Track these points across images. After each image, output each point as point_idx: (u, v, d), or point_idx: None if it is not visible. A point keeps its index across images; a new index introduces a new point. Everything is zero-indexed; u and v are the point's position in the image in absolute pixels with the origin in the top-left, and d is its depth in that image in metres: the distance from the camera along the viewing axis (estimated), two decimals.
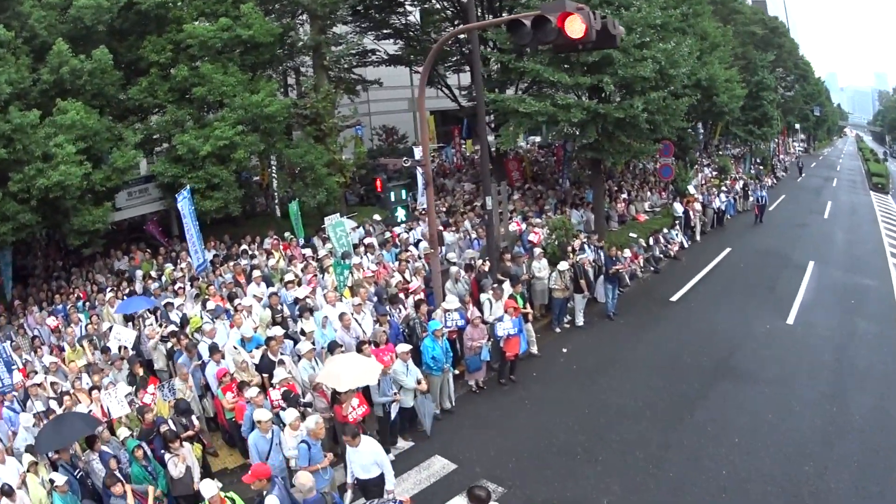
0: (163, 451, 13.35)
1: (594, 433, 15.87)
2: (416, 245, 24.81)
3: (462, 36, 32.04)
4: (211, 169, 25.11)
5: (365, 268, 21.62)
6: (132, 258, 27.02)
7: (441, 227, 24.94)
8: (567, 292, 22.13)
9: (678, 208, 34.93)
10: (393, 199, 19.61)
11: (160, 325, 19.31)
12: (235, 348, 16.54)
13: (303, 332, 17.18)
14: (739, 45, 56.96)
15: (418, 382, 15.60)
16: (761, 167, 60.74)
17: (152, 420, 14.09)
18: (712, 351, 20.39)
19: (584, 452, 15.10)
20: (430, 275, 20.58)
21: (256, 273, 21.60)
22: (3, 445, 13.62)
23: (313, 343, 16.63)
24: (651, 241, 30.30)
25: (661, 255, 30.70)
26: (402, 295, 19.64)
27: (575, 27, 11.83)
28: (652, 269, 29.42)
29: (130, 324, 20.13)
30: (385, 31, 38.53)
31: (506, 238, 24.09)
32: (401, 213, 20.02)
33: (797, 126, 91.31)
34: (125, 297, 22.18)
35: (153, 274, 24.29)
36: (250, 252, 25.49)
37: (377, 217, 29.38)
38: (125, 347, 18.09)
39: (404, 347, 15.65)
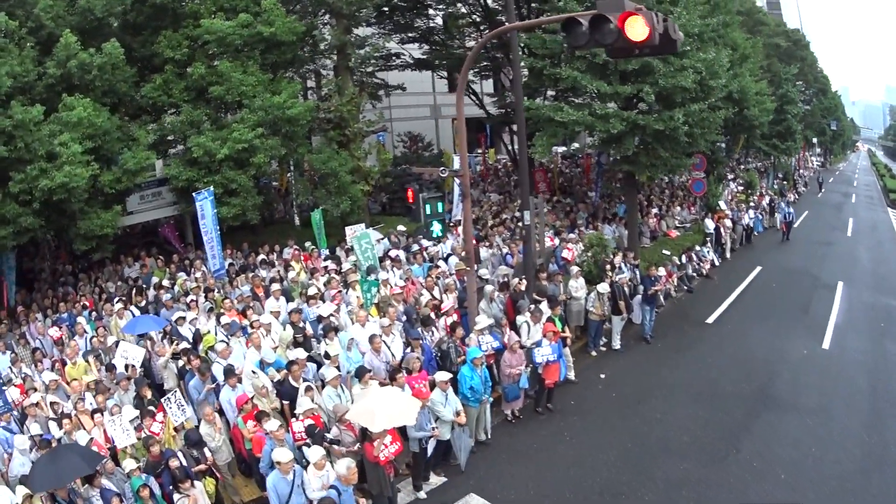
0: (171, 488, 12.23)
1: (638, 470, 15.14)
2: (445, 260, 23.48)
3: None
4: (228, 173, 23.96)
5: (392, 284, 20.28)
6: (143, 265, 25.72)
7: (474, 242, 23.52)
8: (604, 314, 21.37)
9: (709, 224, 34.34)
10: (429, 211, 18.22)
11: (171, 341, 17.93)
12: (254, 372, 15.24)
13: (326, 356, 15.77)
14: (764, 57, 56.00)
15: (457, 414, 14.58)
16: (784, 182, 60.21)
17: (160, 452, 12.96)
18: (752, 377, 19.92)
19: (630, 493, 14.36)
20: (462, 293, 19.75)
21: (276, 286, 20.26)
22: None
23: (338, 367, 15.34)
24: (684, 258, 29.77)
25: (694, 274, 30.18)
26: (432, 315, 18.48)
27: (637, 29, 10.82)
28: (685, 288, 28.74)
29: (140, 338, 18.75)
30: (409, 35, 37.92)
31: (541, 255, 23.15)
32: (437, 228, 18.67)
33: (814, 140, 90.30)
34: (136, 308, 21.12)
35: (165, 283, 22.95)
36: (269, 262, 24.33)
37: (402, 228, 28.19)
38: (133, 367, 16.74)
39: (444, 376, 14.61)
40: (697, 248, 31.74)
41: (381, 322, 17.13)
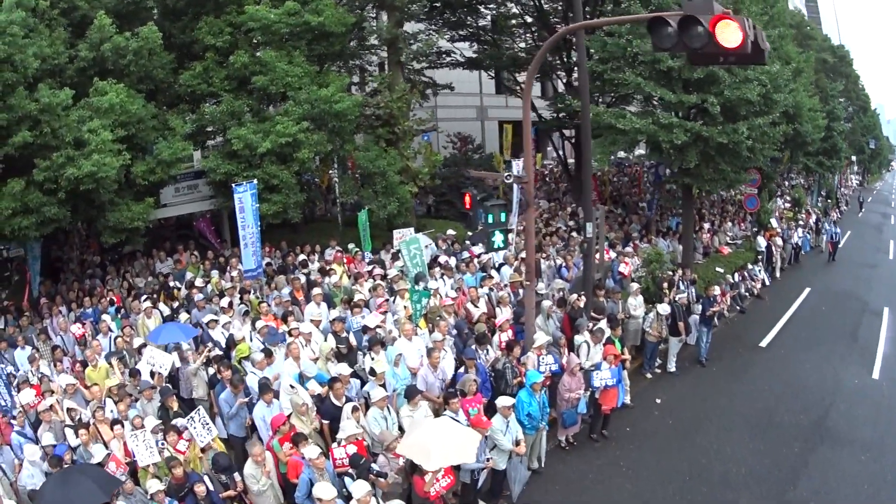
0: None
1: None
2: (497, 269, 22.11)
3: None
4: (270, 168, 22.82)
5: (443, 294, 18.86)
6: (177, 261, 24.52)
7: None
8: (662, 335, 20.60)
9: (761, 242, 33.55)
10: (490, 220, 16.82)
11: (203, 347, 16.57)
12: (293, 387, 13.78)
13: (372, 372, 14.39)
14: (813, 72, 54.84)
15: (516, 444, 13.34)
16: (828, 200, 59.41)
17: (184, 475, 11.69)
18: (807, 407, 19.30)
19: None
20: (516, 306, 18.68)
21: (317, 291, 18.84)
22: (7, 482, 12.44)
23: (383, 385, 14.06)
24: (737, 277, 28.85)
25: (746, 294, 29.41)
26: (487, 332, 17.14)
27: (730, 34, 10.03)
28: (738, 308, 27.77)
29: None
30: (460, 33, 36.98)
31: (599, 269, 22.01)
32: (498, 238, 17.30)
33: (853, 158, 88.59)
34: (164, 306, 19.92)
35: (199, 282, 21.67)
36: (311, 263, 23.05)
37: (451, 232, 26.85)
38: (159, 374, 15.36)
39: (507, 402, 13.38)
40: (750, 266, 30.90)
41: (433, 336, 15.90)
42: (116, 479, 11.49)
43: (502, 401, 13.37)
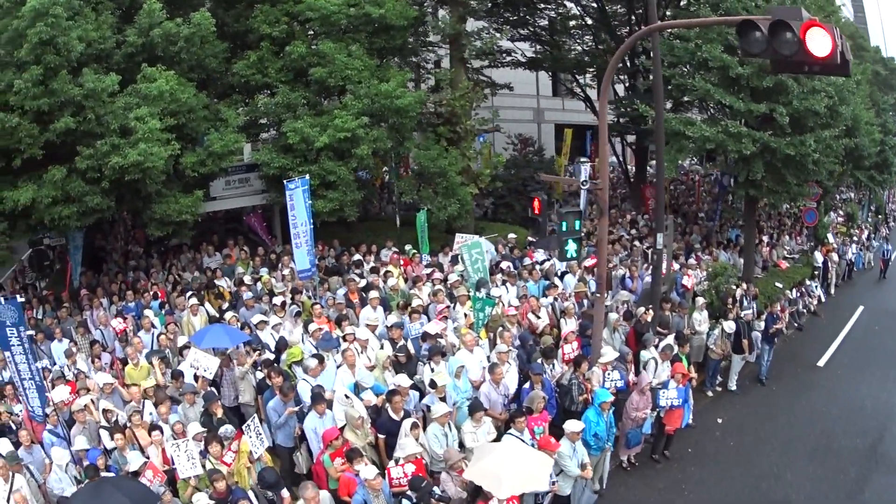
0: None
1: None
2: (560, 277, 21.02)
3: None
4: (327, 164, 21.98)
5: (506, 303, 17.87)
6: (227, 256, 23.72)
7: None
8: (726, 352, 20.31)
9: (818, 257, 32.69)
10: (565, 228, 15.98)
11: (252, 349, 15.67)
12: (348, 397, 12.88)
13: (432, 384, 13.44)
14: (868, 85, 53.70)
15: (583, 467, 12.71)
16: (878, 216, 57.96)
17: (227, 490, 10.81)
18: (863, 432, 18.87)
19: None
20: (580, 317, 18.08)
21: (374, 294, 17.93)
22: (34, 484, 11.88)
23: (443, 398, 13.26)
24: (795, 293, 28.28)
25: (804, 310, 28.75)
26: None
27: (820, 43, 9.68)
28: (795, 325, 27.21)
29: None
30: (520, 32, 36.47)
31: (665, 281, 21.16)
32: (571, 248, 16.40)
33: None
34: (212, 306, 19.15)
35: (247, 280, 20.89)
36: (366, 264, 22.23)
37: (512, 236, 25.91)
38: (203, 378, 14.45)
39: (576, 426, 12.79)
40: (807, 281, 30.40)
41: (498, 348, 14.90)
42: (153, 495, 10.67)
43: (571, 425, 12.81)
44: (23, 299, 15.35)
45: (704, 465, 16.76)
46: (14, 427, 13.76)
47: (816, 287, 30.91)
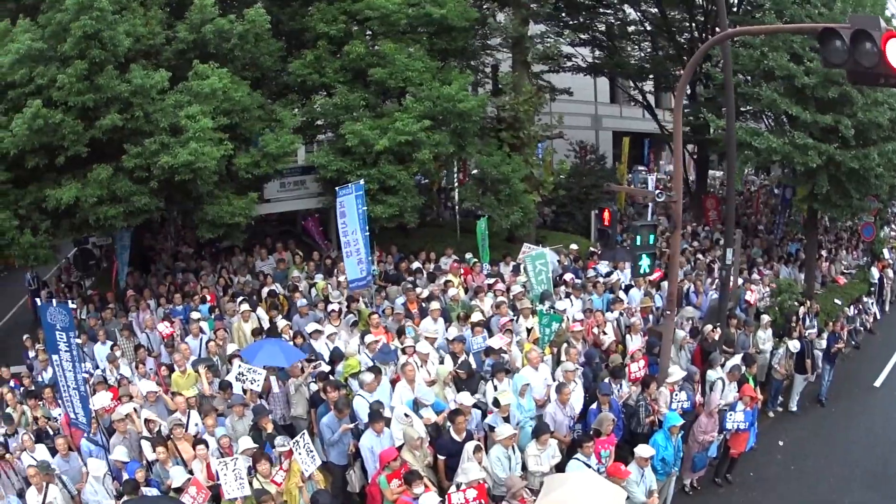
0: None
1: None
2: (625, 291, 20.24)
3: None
4: (387, 168, 21.48)
5: (571, 317, 17.05)
6: (280, 260, 23.22)
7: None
8: (789, 372, 20.11)
9: (875, 273, 31.70)
10: (639, 242, 15.22)
11: (307, 361, 14.93)
12: (407, 416, 12.17)
13: (496, 403, 12.77)
14: None
15: (649, 494, 12.31)
16: None
17: None
18: None
19: None
20: (646, 333, 17.67)
21: (435, 305, 17.18)
22: (67, 494, 11.57)
23: (507, 418, 12.68)
24: (853, 309, 27.36)
25: (861, 328, 28.08)
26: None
27: None
28: (853, 343, 26.52)
29: None
30: (581, 37, 36.27)
31: (731, 297, 20.49)
32: (645, 263, 15.58)
33: None
34: (269, 312, 18.48)
35: (301, 286, 20.30)
36: (426, 272, 21.60)
37: (574, 246, 25.26)
38: (252, 391, 13.76)
39: (647, 452, 12.37)
40: (864, 298, 29.50)
41: (564, 366, 14.27)
42: None
43: (641, 450, 12.39)
44: (74, 306, 14.92)
45: (767, 491, 16.56)
46: (52, 433, 13.38)
47: (872, 304, 30.27)
